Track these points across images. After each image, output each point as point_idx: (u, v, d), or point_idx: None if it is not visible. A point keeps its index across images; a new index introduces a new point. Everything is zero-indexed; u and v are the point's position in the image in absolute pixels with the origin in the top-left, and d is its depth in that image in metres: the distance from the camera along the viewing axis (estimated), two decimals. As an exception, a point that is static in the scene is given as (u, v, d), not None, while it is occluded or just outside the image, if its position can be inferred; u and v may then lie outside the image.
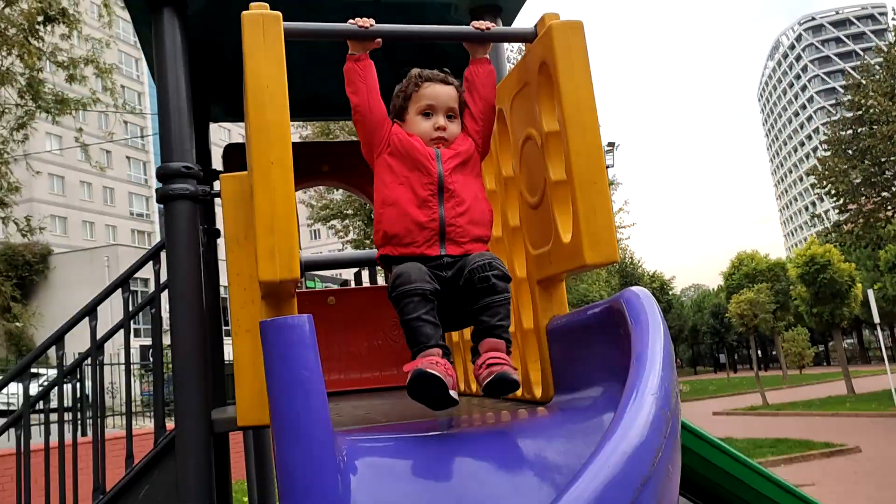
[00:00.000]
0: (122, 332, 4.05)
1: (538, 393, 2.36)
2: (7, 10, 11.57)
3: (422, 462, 1.77)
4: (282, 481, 1.60)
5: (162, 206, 3.28)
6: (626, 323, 1.69)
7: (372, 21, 2.13)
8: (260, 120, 1.85)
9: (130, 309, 4.02)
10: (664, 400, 1.32)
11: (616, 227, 2.14)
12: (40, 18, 11.53)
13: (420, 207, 2.10)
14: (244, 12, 1.91)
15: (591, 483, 1.11)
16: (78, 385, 4.37)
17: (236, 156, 4.50)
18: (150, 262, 3.99)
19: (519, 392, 2.54)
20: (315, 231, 57.02)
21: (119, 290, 4.03)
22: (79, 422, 5.08)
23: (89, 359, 4.08)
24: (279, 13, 1.94)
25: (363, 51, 2.17)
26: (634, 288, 1.77)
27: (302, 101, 4.99)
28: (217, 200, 3.75)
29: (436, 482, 1.70)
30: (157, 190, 3.14)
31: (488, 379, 1.88)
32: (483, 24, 2.23)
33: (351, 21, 2.13)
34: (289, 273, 1.82)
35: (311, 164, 4.54)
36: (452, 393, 1.85)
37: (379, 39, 2.16)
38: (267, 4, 1.95)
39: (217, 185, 3.25)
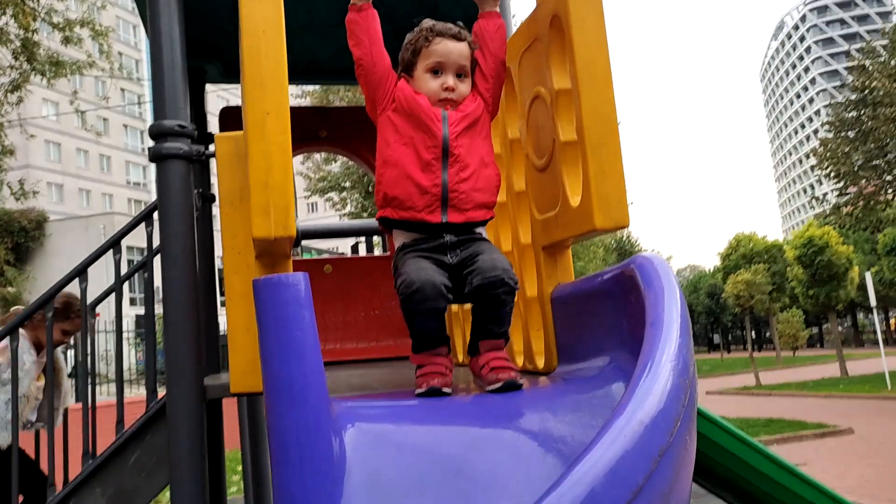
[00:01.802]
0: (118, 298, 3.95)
1: (540, 363, 2.29)
2: (1, -31, 11.34)
3: (420, 430, 1.70)
4: (274, 448, 1.53)
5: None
6: (639, 290, 1.61)
7: None
8: (255, 66, 1.75)
9: (123, 272, 3.92)
10: (682, 368, 1.24)
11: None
12: (35, -22, 11.31)
13: (423, 171, 1.98)
14: (240, -49, 1.79)
15: (607, 452, 1.04)
16: (70, 352, 4.30)
17: (233, 119, 4.38)
18: (144, 226, 3.90)
19: (520, 362, 2.48)
20: (312, 204, 56.84)
21: (111, 253, 3.93)
22: (72, 388, 5.00)
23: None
24: (277, -47, 1.83)
25: None
26: (646, 254, 1.69)
27: (300, 64, 4.89)
28: (213, 166, 3.66)
29: (435, 450, 1.62)
30: (149, 149, 3.04)
31: (495, 385, 1.87)
32: None
33: None
34: (284, 230, 1.74)
35: (308, 129, 4.43)
36: (447, 390, 1.89)
37: None
38: (264, -55, 1.83)
39: (213, 148, 3.15)
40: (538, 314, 2.30)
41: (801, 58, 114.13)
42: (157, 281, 3.37)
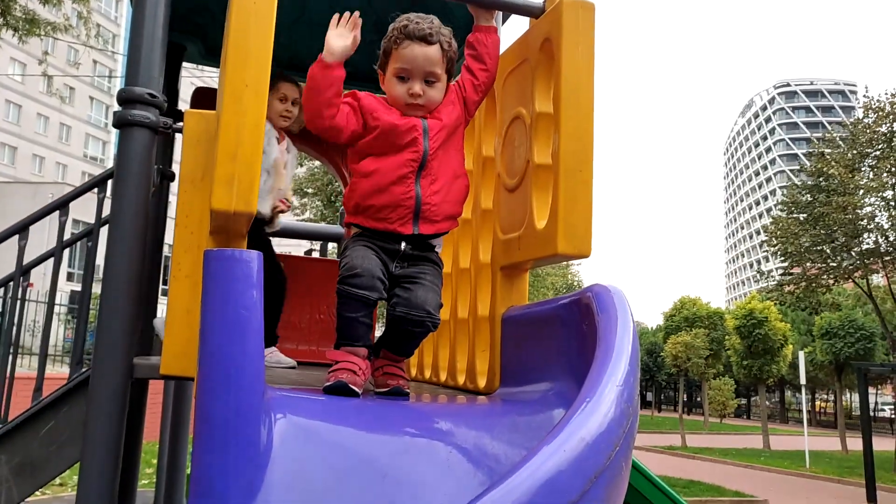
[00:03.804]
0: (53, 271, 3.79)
1: (482, 383, 2.26)
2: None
3: (352, 430, 1.66)
4: (200, 428, 1.46)
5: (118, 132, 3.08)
6: (593, 318, 1.60)
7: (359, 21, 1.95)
8: (240, 37, 1.71)
9: (68, 237, 3.78)
10: (628, 396, 1.23)
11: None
12: (22, -66, 11.01)
13: (397, 184, 1.96)
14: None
15: (544, 466, 1.01)
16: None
17: (206, 101, 4.30)
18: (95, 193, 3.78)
19: (461, 380, 2.45)
20: (271, 205, 56.12)
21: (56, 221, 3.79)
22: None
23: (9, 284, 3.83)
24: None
25: (337, 58, 1.92)
26: (604, 283, 1.69)
27: (283, 58, 4.83)
28: (177, 148, 3.54)
29: (363, 452, 1.58)
30: (115, 113, 2.94)
31: (385, 389, 1.95)
32: None
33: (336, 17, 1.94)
34: (244, 205, 1.69)
35: (281, 123, 4.36)
36: (358, 390, 1.88)
37: (357, 40, 1.95)
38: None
39: (180, 125, 3.08)
40: (486, 334, 2.28)
41: (764, 137, 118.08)
42: (100, 259, 3.25)
